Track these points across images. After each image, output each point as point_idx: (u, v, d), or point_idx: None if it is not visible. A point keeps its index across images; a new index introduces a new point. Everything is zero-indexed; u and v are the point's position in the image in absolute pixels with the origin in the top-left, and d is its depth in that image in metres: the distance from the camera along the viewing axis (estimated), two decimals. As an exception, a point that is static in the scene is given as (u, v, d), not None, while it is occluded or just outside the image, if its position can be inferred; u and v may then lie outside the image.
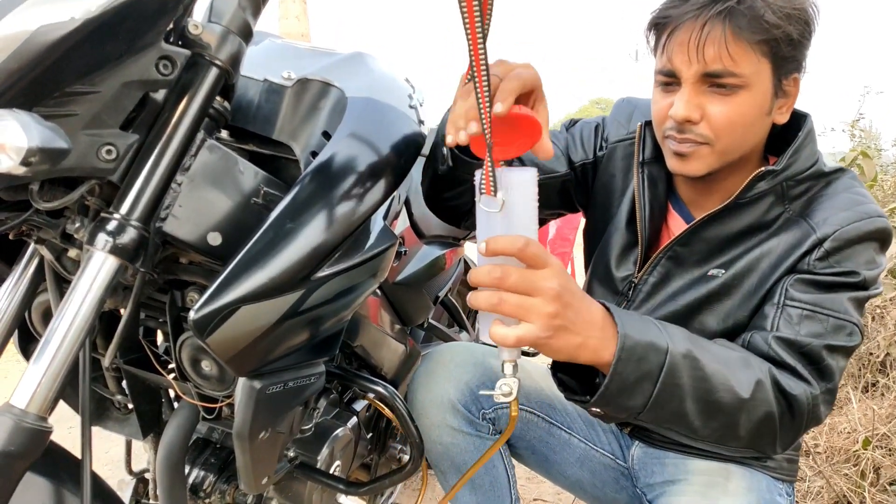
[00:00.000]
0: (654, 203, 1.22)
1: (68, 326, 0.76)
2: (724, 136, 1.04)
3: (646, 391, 0.88)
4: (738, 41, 0.98)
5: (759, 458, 1.23)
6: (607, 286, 1.31)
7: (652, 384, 0.88)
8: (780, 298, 1.06)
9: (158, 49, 0.78)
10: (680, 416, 0.92)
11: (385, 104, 1.05)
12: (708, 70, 1.01)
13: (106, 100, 0.76)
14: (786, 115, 1.10)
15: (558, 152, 1.34)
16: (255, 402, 0.92)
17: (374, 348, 1.42)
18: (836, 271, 1.04)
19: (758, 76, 1.02)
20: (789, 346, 1.01)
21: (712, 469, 1.23)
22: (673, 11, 1.03)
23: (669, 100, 1.07)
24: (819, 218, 1.07)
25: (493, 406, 1.31)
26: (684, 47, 1.01)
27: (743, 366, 0.95)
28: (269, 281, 0.84)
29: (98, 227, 0.77)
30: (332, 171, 0.93)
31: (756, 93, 1.03)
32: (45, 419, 0.75)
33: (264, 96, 1.02)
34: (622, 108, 1.36)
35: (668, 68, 1.05)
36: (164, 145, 0.80)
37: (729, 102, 1.02)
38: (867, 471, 2.11)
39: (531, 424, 1.35)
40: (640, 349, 0.87)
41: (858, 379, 2.92)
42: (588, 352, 0.84)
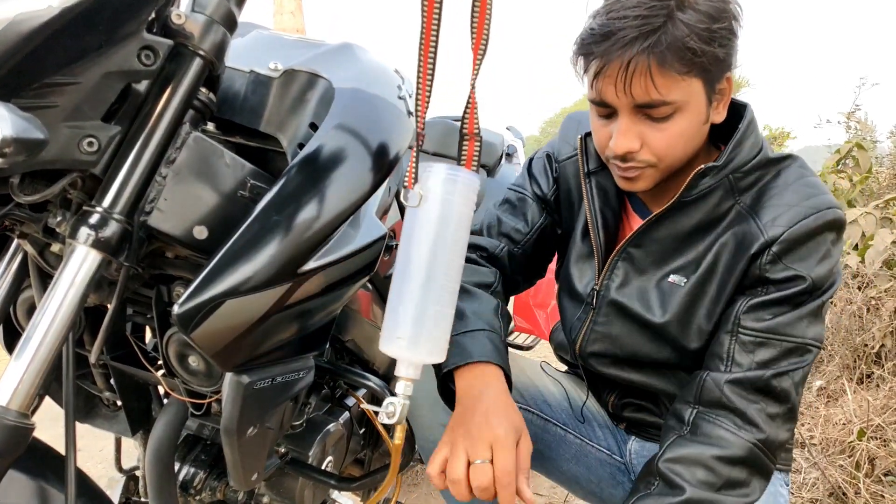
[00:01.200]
0: (605, 210, 1.24)
1: (50, 322, 0.74)
2: (667, 157, 1.05)
3: None
4: (665, 73, 0.97)
5: None
6: (573, 298, 1.32)
7: None
8: (733, 326, 1.07)
9: (140, 39, 0.77)
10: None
11: (373, 95, 1.04)
12: (639, 103, 1.01)
13: (87, 91, 0.74)
14: (723, 112, 1.09)
15: (529, 200, 1.37)
16: (242, 397, 0.90)
17: (365, 343, 1.41)
18: (784, 277, 1.04)
19: (690, 96, 1.01)
20: (742, 387, 1.04)
21: None
22: (596, 48, 1.01)
23: (608, 129, 1.08)
24: (768, 217, 1.06)
25: None
26: (612, 83, 1.00)
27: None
28: (254, 274, 0.83)
29: (80, 220, 0.76)
30: (319, 163, 0.92)
31: (691, 110, 1.03)
32: (27, 416, 0.74)
33: (251, 88, 1.00)
34: (567, 127, 1.38)
35: (600, 100, 1.05)
36: (146, 137, 0.79)
37: (666, 128, 1.03)
38: (862, 462, 2.11)
39: (526, 421, 1.34)
40: None
41: (853, 370, 2.92)
42: None
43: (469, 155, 0.80)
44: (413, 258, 0.75)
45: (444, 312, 0.77)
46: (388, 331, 0.77)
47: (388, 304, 0.78)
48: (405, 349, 0.76)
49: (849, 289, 3.38)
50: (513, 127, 2.83)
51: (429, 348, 0.77)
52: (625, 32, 0.97)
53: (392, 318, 0.77)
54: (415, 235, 0.75)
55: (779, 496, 1.18)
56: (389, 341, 0.77)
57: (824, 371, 3.06)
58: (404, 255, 0.76)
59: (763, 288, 1.06)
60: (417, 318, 0.75)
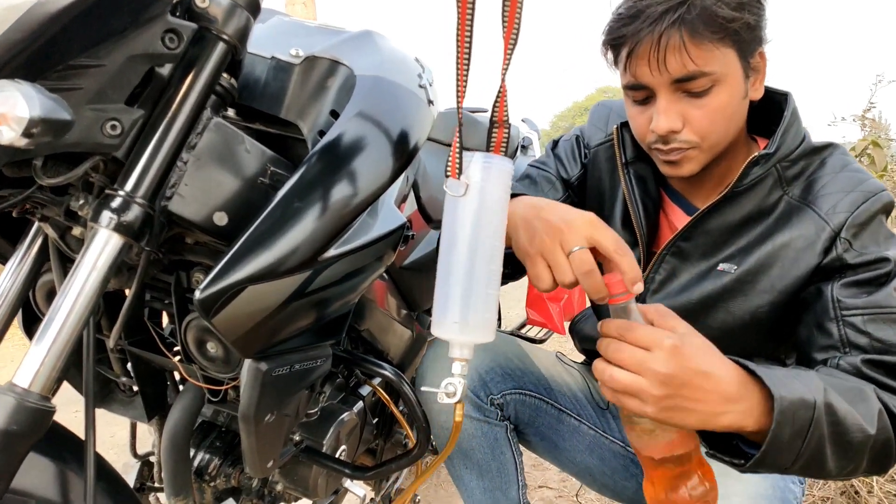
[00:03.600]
0: (646, 201, 1.22)
1: (71, 305, 0.74)
2: (710, 135, 1.04)
3: (795, 448, 0.84)
4: (699, 44, 0.97)
5: None
6: None
7: (801, 440, 0.84)
8: (835, 312, 1.03)
9: (164, 22, 0.77)
10: (819, 463, 0.88)
11: (394, 83, 1.03)
12: (676, 77, 1.00)
13: (111, 74, 0.74)
14: (760, 89, 1.09)
15: (552, 179, 1.34)
16: (261, 384, 0.90)
17: (380, 333, 1.41)
18: (867, 261, 1.02)
19: (727, 67, 1.01)
20: (878, 366, 0.97)
21: None
22: (626, 30, 1.01)
23: (647, 114, 1.07)
24: (827, 206, 1.06)
25: (501, 392, 1.29)
26: (646, 62, 1.00)
27: (861, 398, 0.91)
28: (275, 261, 0.82)
29: (102, 204, 0.76)
30: (340, 151, 0.92)
31: (729, 83, 1.02)
32: (48, 399, 0.74)
33: (272, 74, 1.00)
34: (598, 113, 1.36)
35: (636, 83, 1.05)
36: (169, 121, 0.79)
37: (706, 104, 1.02)
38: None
39: (540, 411, 1.34)
40: (792, 409, 0.83)
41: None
42: (722, 422, 0.81)
43: (498, 142, 0.80)
44: (459, 245, 0.76)
45: (492, 294, 0.79)
46: (440, 316, 0.78)
47: (436, 290, 0.79)
48: (458, 332, 0.78)
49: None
50: (528, 119, 2.82)
51: (480, 329, 0.79)
52: (652, 9, 0.97)
53: (442, 303, 0.78)
54: (458, 223, 0.76)
55: (787, 491, 1.17)
56: (441, 325, 0.78)
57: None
58: (449, 242, 0.77)
59: (846, 273, 1.04)
60: (467, 301, 0.77)
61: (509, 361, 1.32)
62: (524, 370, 1.33)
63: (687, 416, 0.79)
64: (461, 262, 0.77)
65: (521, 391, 1.32)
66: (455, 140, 0.75)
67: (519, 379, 1.32)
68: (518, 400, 1.31)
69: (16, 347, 4.46)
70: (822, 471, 0.89)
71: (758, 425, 0.82)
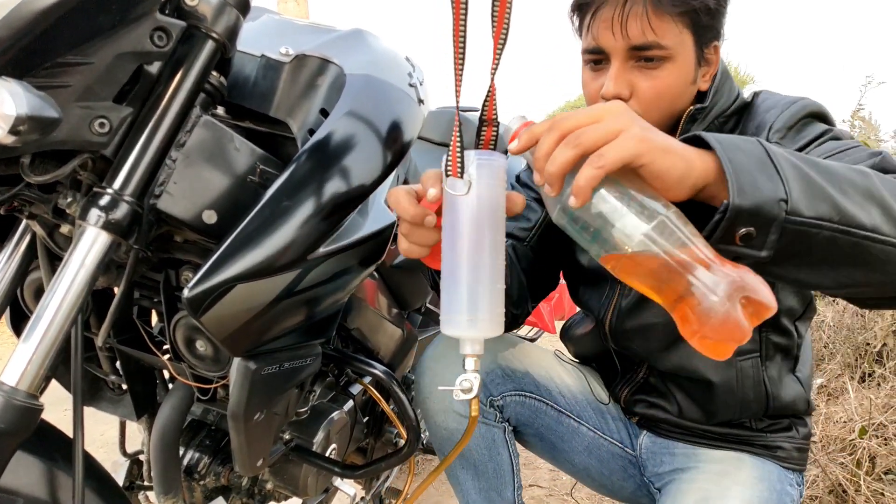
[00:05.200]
0: None
1: (59, 303, 0.74)
2: (653, 109, 1.07)
3: (771, 175, 0.71)
4: (660, 14, 1.01)
5: (770, 448, 1.23)
6: (593, 281, 1.31)
7: (772, 167, 0.72)
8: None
9: (153, 20, 0.76)
10: (833, 202, 0.73)
11: (384, 82, 1.03)
12: (634, 44, 1.03)
13: (99, 71, 0.74)
14: (708, 81, 1.13)
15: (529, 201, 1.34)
16: (250, 382, 0.90)
17: (370, 331, 1.41)
18: (799, 146, 1.00)
19: (681, 47, 1.05)
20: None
21: (723, 458, 1.23)
22: None
23: (599, 81, 1.09)
24: (757, 122, 1.10)
25: (501, 393, 1.29)
26: (608, 24, 1.04)
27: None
28: (264, 259, 0.82)
29: (91, 201, 0.76)
30: (330, 150, 0.92)
31: (681, 63, 1.06)
32: (35, 397, 0.74)
33: (261, 72, 1.00)
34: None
35: (595, 46, 1.08)
36: (158, 119, 0.79)
37: (656, 76, 1.05)
38: (863, 460, 2.11)
39: (539, 412, 1.34)
40: (737, 142, 0.74)
41: (855, 369, 2.92)
42: (696, 169, 0.71)
43: (486, 140, 0.80)
44: (463, 242, 0.76)
45: (498, 289, 0.79)
46: (449, 314, 0.78)
47: (442, 289, 0.79)
48: (467, 329, 0.78)
49: (852, 287, 3.38)
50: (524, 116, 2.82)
51: (490, 324, 0.79)
52: None
53: (450, 301, 0.78)
54: (461, 221, 0.76)
55: (784, 494, 1.18)
56: (451, 323, 0.78)
57: (825, 369, 3.06)
58: (452, 241, 0.77)
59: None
60: (475, 298, 0.77)
61: (509, 363, 1.33)
62: (524, 371, 1.34)
63: (670, 159, 0.69)
64: (467, 260, 0.77)
65: (521, 392, 1.32)
66: (454, 139, 0.75)
67: (519, 380, 1.32)
68: (518, 401, 1.32)
69: (5, 346, 4.44)
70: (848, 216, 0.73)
71: (718, 186, 0.73)
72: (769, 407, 1.20)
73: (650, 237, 0.67)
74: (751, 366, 1.19)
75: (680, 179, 0.70)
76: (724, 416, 1.22)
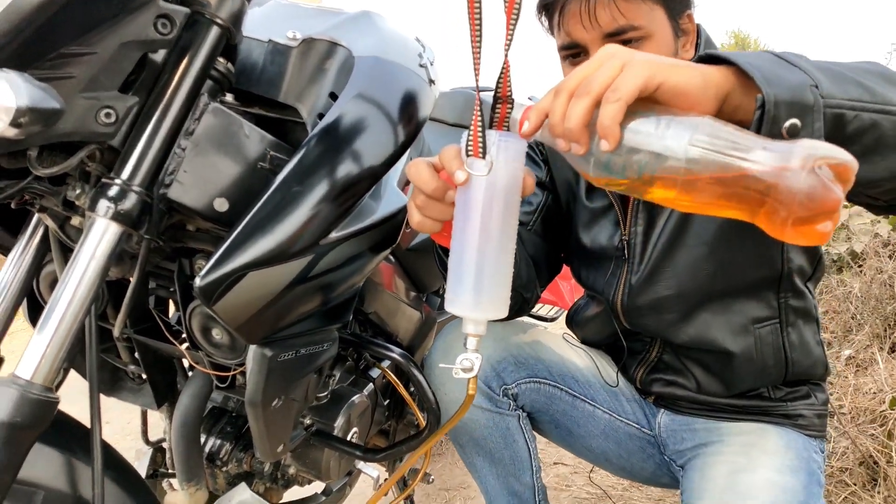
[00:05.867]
0: None
1: (72, 295, 0.74)
2: None
3: (790, 70, 0.71)
4: None
5: (790, 417, 1.22)
6: (599, 260, 1.29)
7: (788, 65, 0.71)
8: None
9: (156, 7, 0.76)
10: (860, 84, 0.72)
11: (394, 63, 1.02)
12: (607, 31, 1.02)
13: (103, 61, 0.73)
14: (690, 50, 1.13)
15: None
16: (266, 369, 0.90)
17: (388, 315, 1.40)
18: None
19: (655, 23, 1.04)
20: None
21: (747, 429, 1.22)
22: None
23: None
24: None
25: (515, 381, 1.29)
26: (577, 19, 1.03)
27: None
28: (276, 246, 0.82)
29: (99, 193, 0.75)
30: (340, 133, 0.91)
31: (658, 39, 1.05)
32: (51, 390, 0.74)
33: (269, 57, 0.99)
34: None
35: (569, 41, 1.07)
36: (164, 108, 0.78)
37: None
38: (894, 431, 2.08)
39: (555, 398, 1.33)
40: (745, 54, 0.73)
41: (884, 339, 2.88)
42: (714, 77, 0.70)
43: (501, 117, 0.79)
44: (478, 223, 0.76)
45: (506, 272, 0.79)
46: (454, 293, 0.78)
47: (450, 266, 0.79)
48: (471, 309, 0.78)
49: (879, 257, 3.32)
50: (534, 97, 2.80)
51: (493, 306, 0.79)
52: None
53: (456, 279, 0.78)
54: (476, 201, 0.75)
55: (812, 462, 1.17)
56: (455, 302, 0.79)
57: (853, 340, 3.01)
58: (464, 220, 0.76)
59: None
60: (481, 279, 0.77)
61: (521, 350, 1.32)
62: (536, 357, 1.33)
63: (685, 71, 0.68)
64: (478, 240, 0.76)
65: (535, 379, 1.31)
66: (476, 118, 0.74)
67: (532, 367, 1.31)
68: (532, 388, 1.31)
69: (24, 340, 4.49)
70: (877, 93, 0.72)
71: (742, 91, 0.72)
72: (788, 373, 1.20)
73: (698, 142, 0.62)
74: (770, 332, 1.18)
75: (702, 89, 0.68)
76: (744, 385, 1.21)
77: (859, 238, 3.65)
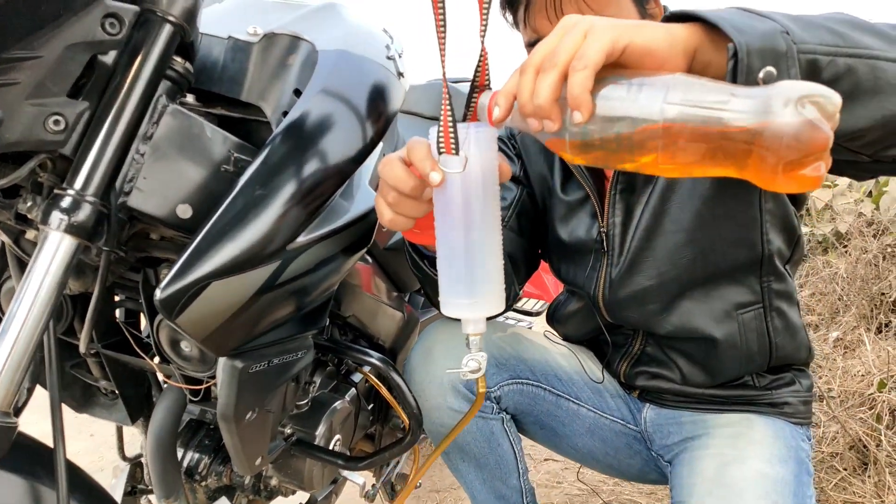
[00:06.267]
0: None
1: (27, 313, 0.70)
2: None
3: (759, 19, 0.68)
4: None
5: (776, 405, 1.20)
6: (577, 253, 1.26)
7: (755, 15, 0.69)
8: None
9: (103, 6, 0.71)
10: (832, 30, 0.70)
11: (359, 56, 0.98)
12: None
13: (49, 65, 0.69)
14: None
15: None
16: (237, 382, 0.87)
17: (368, 318, 1.37)
18: None
19: (623, 12, 1.02)
20: None
21: (734, 420, 1.20)
22: None
23: None
24: None
25: (497, 384, 1.26)
26: (544, 13, 1.02)
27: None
28: (239, 253, 0.78)
29: (51, 205, 0.71)
30: (305, 131, 0.87)
31: None
32: (8, 414, 0.70)
33: (230, 55, 0.95)
34: None
35: (537, 38, 1.05)
36: (117, 112, 0.74)
37: None
38: (883, 414, 2.07)
39: (538, 399, 1.30)
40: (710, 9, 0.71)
41: (871, 320, 2.88)
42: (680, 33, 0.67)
43: (475, 107, 0.76)
44: (461, 220, 0.73)
45: (498, 265, 0.76)
46: (449, 296, 0.76)
47: (440, 270, 0.76)
48: (469, 310, 0.76)
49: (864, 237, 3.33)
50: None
51: (491, 302, 0.77)
52: None
53: (449, 282, 0.76)
54: (456, 198, 0.72)
55: (800, 451, 1.15)
56: (451, 305, 0.76)
57: (840, 322, 3.01)
58: (447, 219, 0.73)
59: None
60: (475, 278, 0.75)
61: (502, 351, 1.29)
62: (518, 358, 1.30)
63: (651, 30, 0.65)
64: (465, 238, 0.74)
65: (518, 381, 1.28)
66: (444, 112, 0.70)
67: (513, 368, 1.29)
68: (515, 390, 1.28)
69: None
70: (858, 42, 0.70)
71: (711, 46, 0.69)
72: (772, 358, 1.18)
73: (674, 99, 0.59)
74: (753, 317, 1.16)
75: (669, 46, 0.66)
76: (729, 374, 1.20)
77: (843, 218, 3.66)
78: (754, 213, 1.10)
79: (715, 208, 1.09)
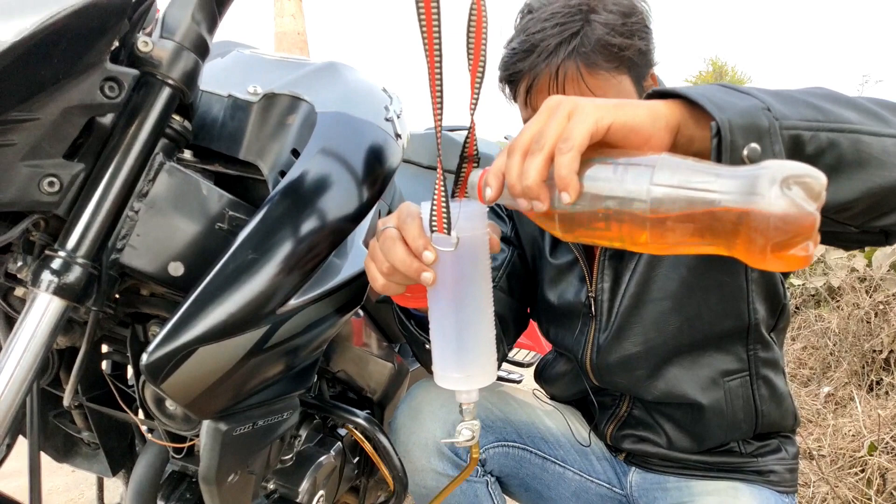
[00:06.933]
0: None
1: (11, 373, 0.69)
2: None
3: (739, 96, 0.69)
4: (595, 73, 0.99)
5: (762, 473, 1.19)
6: (566, 317, 1.26)
7: (735, 92, 0.70)
8: None
9: (103, 70, 0.72)
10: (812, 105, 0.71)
11: (357, 118, 0.99)
12: None
13: (46, 127, 0.70)
14: None
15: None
16: (220, 445, 0.85)
17: (358, 371, 1.36)
18: None
19: (622, 93, 1.02)
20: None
21: (720, 488, 1.19)
22: (522, 65, 1.02)
23: None
24: None
25: (483, 447, 1.25)
26: (545, 95, 1.01)
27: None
28: (228, 318, 0.77)
29: (41, 266, 0.71)
30: (302, 192, 0.87)
31: None
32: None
33: (229, 113, 0.96)
34: None
35: None
36: (113, 173, 0.74)
37: None
38: (873, 477, 2.05)
39: (524, 461, 1.29)
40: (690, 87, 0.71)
41: (862, 377, 2.87)
42: (662, 110, 0.68)
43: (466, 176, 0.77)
44: (453, 297, 0.74)
45: (489, 338, 0.77)
46: (443, 370, 0.76)
47: (433, 341, 0.76)
48: (463, 384, 0.76)
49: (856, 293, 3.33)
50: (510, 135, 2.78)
51: (484, 375, 0.77)
52: (547, 42, 0.99)
53: (442, 357, 0.76)
54: (448, 275, 0.73)
55: None
56: (445, 379, 0.77)
57: (832, 377, 3.00)
58: (440, 295, 0.74)
59: None
60: (467, 354, 0.75)
61: (489, 413, 1.28)
62: (505, 420, 1.29)
63: (632, 109, 0.66)
64: (457, 315, 0.74)
65: (504, 443, 1.27)
66: (438, 191, 0.71)
67: (500, 430, 1.27)
68: (501, 452, 1.27)
69: None
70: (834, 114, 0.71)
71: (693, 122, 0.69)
72: (758, 425, 1.17)
73: (660, 180, 0.59)
74: (739, 385, 1.16)
75: (652, 122, 0.66)
76: (715, 440, 1.19)
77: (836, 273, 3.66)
78: (741, 282, 1.10)
79: (702, 277, 1.09)
